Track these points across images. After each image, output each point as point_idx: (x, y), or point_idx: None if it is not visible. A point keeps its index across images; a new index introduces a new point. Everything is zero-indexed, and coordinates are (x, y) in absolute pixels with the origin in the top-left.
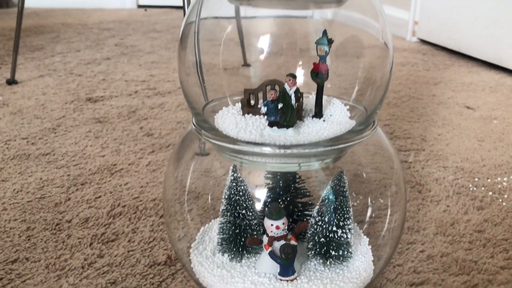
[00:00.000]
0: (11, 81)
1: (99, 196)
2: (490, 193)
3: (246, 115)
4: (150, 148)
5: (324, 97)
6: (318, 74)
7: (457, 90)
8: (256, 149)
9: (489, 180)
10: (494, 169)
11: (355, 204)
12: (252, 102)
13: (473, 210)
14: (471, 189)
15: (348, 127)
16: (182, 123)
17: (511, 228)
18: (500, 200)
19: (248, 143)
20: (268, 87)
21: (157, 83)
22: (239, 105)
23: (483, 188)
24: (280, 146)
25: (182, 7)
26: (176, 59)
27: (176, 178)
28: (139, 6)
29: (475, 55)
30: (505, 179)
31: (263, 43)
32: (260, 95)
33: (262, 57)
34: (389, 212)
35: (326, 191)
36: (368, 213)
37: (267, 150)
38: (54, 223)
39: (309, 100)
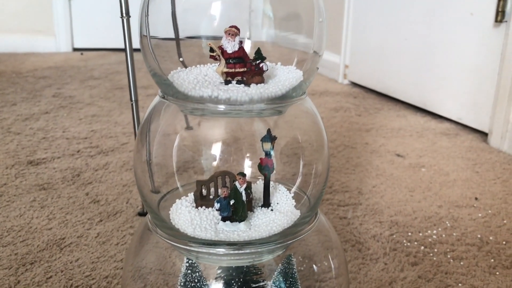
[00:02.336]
0: None
1: (50, 277)
2: (422, 247)
3: (199, 208)
4: (97, 217)
5: (271, 183)
6: (264, 168)
7: (388, 136)
8: (211, 250)
9: (420, 234)
10: (425, 222)
11: (301, 268)
12: (205, 192)
13: (408, 266)
14: (405, 244)
15: (294, 219)
16: (128, 186)
17: (442, 284)
18: (431, 254)
19: (203, 243)
20: (219, 179)
21: (99, 140)
22: (191, 195)
23: (415, 243)
24: (233, 246)
25: (124, 50)
26: (133, 152)
27: (135, 268)
28: (75, 49)
29: (402, 98)
30: (434, 231)
31: (216, 149)
32: (214, 182)
33: (214, 162)
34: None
35: (276, 275)
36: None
37: (221, 251)
38: None
39: (257, 187)
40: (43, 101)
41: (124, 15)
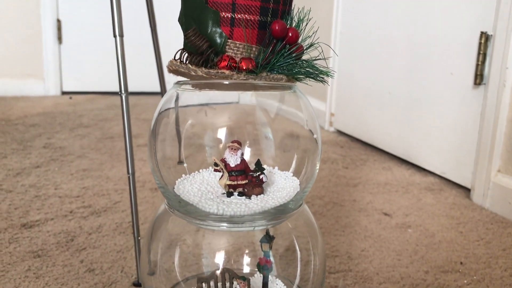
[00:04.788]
0: None
1: None
2: None
3: None
4: None
5: (270, 277)
6: (263, 267)
7: (374, 192)
8: None
9: None
10: None
11: None
12: None
13: None
14: None
15: None
16: (122, 252)
17: None
18: None
19: None
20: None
21: (92, 199)
22: None
23: None
24: None
25: (112, 94)
26: (140, 259)
27: None
28: (63, 93)
29: (386, 150)
30: None
31: (219, 257)
32: (214, 279)
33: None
34: None
35: None
36: None
37: None
38: None
39: (255, 281)
40: (34, 153)
41: (123, 91)
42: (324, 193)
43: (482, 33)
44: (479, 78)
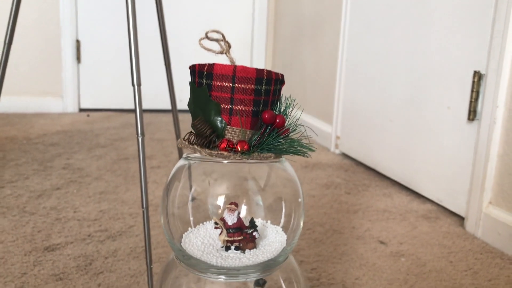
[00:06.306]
0: None
1: None
2: None
3: None
4: None
5: None
6: None
7: (373, 219)
8: None
9: None
10: None
11: None
12: None
13: None
14: None
15: None
16: (135, 276)
17: None
18: None
19: None
20: None
21: (108, 222)
22: None
23: None
24: None
25: (128, 112)
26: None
27: None
28: (81, 110)
29: (388, 175)
30: None
31: None
32: None
33: None
34: None
35: None
36: None
37: None
38: None
39: None
40: (54, 174)
41: (139, 134)
42: (325, 220)
43: (475, 72)
44: (472, 114)
